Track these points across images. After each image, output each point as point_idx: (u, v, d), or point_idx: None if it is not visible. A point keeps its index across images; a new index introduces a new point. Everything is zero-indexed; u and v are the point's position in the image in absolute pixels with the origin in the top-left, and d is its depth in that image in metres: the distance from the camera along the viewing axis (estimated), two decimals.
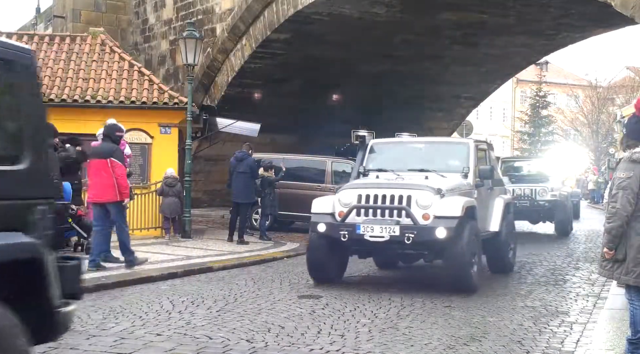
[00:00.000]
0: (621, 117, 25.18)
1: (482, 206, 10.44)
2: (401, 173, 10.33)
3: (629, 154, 5.25)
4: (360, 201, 9.49)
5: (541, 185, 18.72)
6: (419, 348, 6.49)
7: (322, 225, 9.59)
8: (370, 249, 9.89)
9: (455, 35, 19.02)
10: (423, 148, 11.53)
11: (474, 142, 11.25)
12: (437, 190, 9.33)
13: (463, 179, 10.27)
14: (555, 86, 58.91)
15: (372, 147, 11.33)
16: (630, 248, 5.18)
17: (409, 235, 9.06)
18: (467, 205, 9.48)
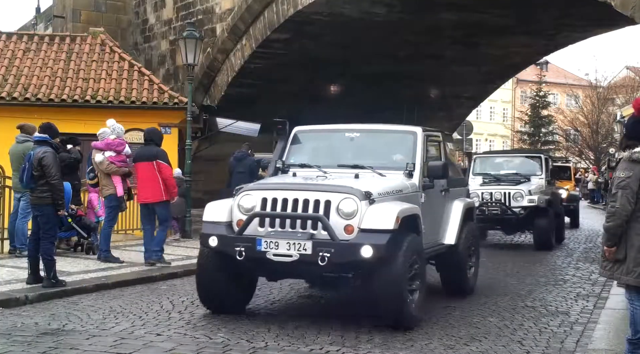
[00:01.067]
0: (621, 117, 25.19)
1: (431, 214, 8.43)
2: (329, 170, 8.08)
3: (628, 154, 5.25)
4: (265, 207, 7.27)
5: (516, 188, 15.39)
6: (419, 348, 6.49)
7: (214, 238, 7.36)
8: (274, 271, 7.63)
9: (455, 35, 19.00)
10: (358, 139, 8.86)
11: (423, 130, 8.67)
12: (365, 194, 7.11)
13: (406, 179, 8.06)
14: (555, 86, 58.93)
15: (296, 135, 8.94)
16: (630, 248, 5.18)
17: (324, 253, 6.80)
18: (406, 213, 7.28)
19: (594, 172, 41.43)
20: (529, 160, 17.31)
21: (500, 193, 15.25)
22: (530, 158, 17.48)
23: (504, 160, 18.26)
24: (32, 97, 16.62)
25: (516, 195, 15.10)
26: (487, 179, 15.97)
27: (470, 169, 16.81)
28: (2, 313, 7.61)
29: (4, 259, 11.03)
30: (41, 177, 8.72)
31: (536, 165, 16.64)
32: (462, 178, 10.55)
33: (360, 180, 7.71)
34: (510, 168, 17.00)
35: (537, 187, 15.69)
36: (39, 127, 9.44)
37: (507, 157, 19.00)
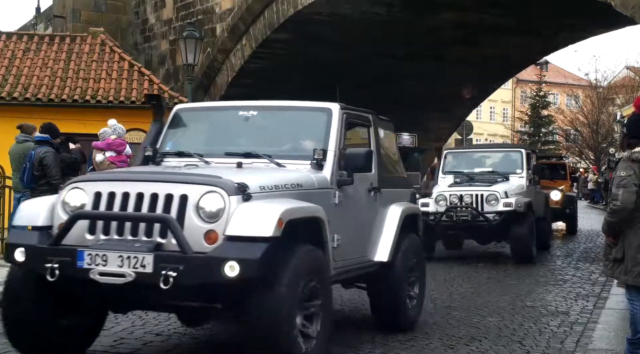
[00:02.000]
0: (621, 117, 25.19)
1: (352, 220, 6.28)
2: (213, 159, 6.04)
3: (628, 154, 5.25)
4: (98, 204, 5.10)
5: (490, 189, 12.86)
6: (419, 348, 6.49)
7: (20, 250, 5.12)
8: (105, 299, 5.38)
9: (455, 35, 19.01)
10: (256, 118, 6.55)
11: (343, 108, 6.52)
12: (237, 188, 4.97)
13: (313, 171, 5.92)
14: (555, 86, 58.93)
15: (176, 115, 6.78)
16: (628, 248, 5.17)
17: (169, 272, 4.68)
18: (297, 215, 5.13)
19: (594, 171, 41.43)
20: (508, 156, 14.64)
21: (470, 195, 12.74)
22: (510, 154, 14.75)
23: (480, 156, 15.38)
24: (32, 97, 16.62)
25: (490, 197, 12.62)
26: (459, 179, 13.60)
27: (440, 167, 14.46)
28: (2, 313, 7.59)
29: (4, 259, 11.01)
30: (42, 176, 8.73)
31: (517, 162, 14.03)
32: (403, 177, 7.87)
33: (241, 171, 5.63)
34: (486, 166, 14.64)
35: (515, 188, 13.20)
36: (40, 127, 9.45)
37: (483, 152, 16.02)
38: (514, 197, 12.70)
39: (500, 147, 18.37)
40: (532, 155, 14.89)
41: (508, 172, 13.75)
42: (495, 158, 14.97)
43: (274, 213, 4.90)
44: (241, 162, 5.89)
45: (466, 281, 10.49)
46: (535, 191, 14.32)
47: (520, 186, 13.42)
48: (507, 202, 12.57)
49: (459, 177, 13.71)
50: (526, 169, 13.84)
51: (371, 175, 6.68)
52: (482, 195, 12.71)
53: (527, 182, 13.70)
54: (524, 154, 14.12)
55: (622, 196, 5.09)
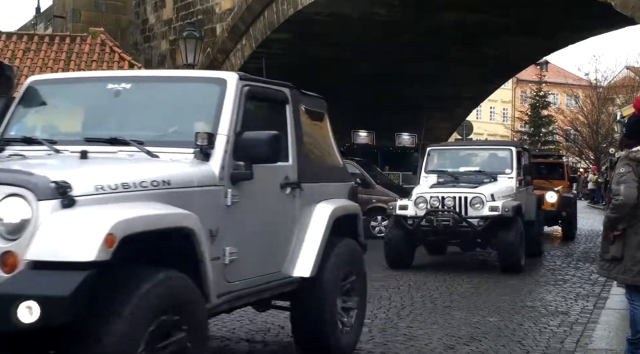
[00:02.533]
0: (621, 117, 25.17)
1: (252, 226, 4.82)
2: (67, 147, 4.59)
3: (626, 153, 5.27)
4: None
5: (475, 191, 11.61)
6: (419, 348, 6.49)
7: None
8: None
9: (455, 35, 19.02)
10: (129, 93, 5.01)
11: (242, 79, 5.02)
12: (54, 189, 3.48)
13: (196, 163, 4.45)
14: (555, 86, 58.93)
15: (30, 90, 5.23)
16: (627, 247, 5.18)
17: None
18: (141, 228, 3.61)
19: (594, 171, 41.43)
20: (497, 155, 13.42)
21: (453, 198, 11.52)
22: (498, 152, 13.50)
23: (466, 154, 14.03)
24: None
25: (474, 201, 11.41)
26: (443, 179, 12.52)
27: (423, 165, 13.21)
28: None
29: None
30: None
31: (506, 161, 12.81)
32: (337, 168, 6.36)
33: (83, 164, 4.18)
34: (473, 165, 13.30)
35: (503, 190, 12.03)
36: None
37: (469, 150, 14.60)
38: (502, 200, 11.55)
39: (488, 145, 17.22)
40: (524, 153, 13.76)
41: (496, 171, 12.62)
42: (483, 156, 13.73)
43: (101, 226, 3.38)
44: (87, 150, 4.30)
45: (466, 281, 10.48)
46: (527, 193, 13.34)
47: (509, 188, 12.22)
48: (493, 206, 11.33)
49: (443, 176, 12.62)
50: (516, 169, 12.60)
51: (286, 167, 5.25)
52: (466, 198, 11.50)
53: (517, 183, 12.48)
54: (514, 152, 12.86)
55: (623, 191, 5.09)
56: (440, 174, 12.75)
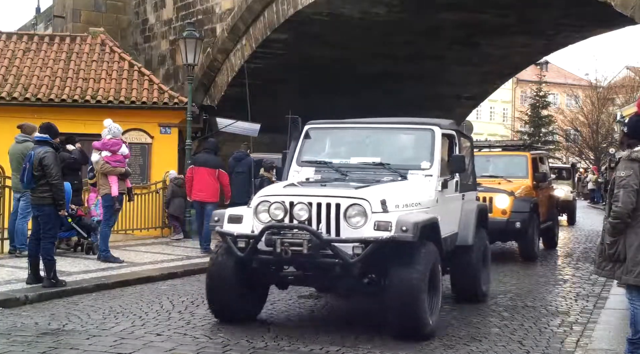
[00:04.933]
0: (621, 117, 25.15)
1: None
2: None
3: (627, 153, 5.27)
4: None
5: (352, 195, 6.95)
6: (419, 348, 6.49)
7: None
8: None
9: (455, 35, 19.01)
10: None
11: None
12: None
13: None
14: (555, 86, 58.95)
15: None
16: (629, 248, 5.19)
17: None
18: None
19: (593, 171, 41.43)
20: (411, 139, 8.53)
21: (308, 204, 6.85)
22: (416, 134, 8.42)
23: (366, 136, 8.65)
24: (32, 97, 16.62)
25: (351, 211, 6.80)
26: (322, 174, 8.02)
27: (296, 151, 8.42)
28: (2, 313, 7.60)
29: (4, 259, 11.03)
30: (42, 177, 8.72)
31: (425, 148, 8.10)
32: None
33: None
34: (373, 154, 8.26)
35: (410, 195, 7.39)
36: (39, 127, 9.44)
37: (369, 129, 8.77)
38: (401, 211, 6.91)
39: (399, 123, 8.79)
40: (461, 138, 8.99)
41: (408, 165, 7.94)
42: (390, 141, 8.53)
43: None
44: None
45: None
46: (461, 200, 8.80)
47: (424, 192, 7.61)
48: (382, 221, 6.69)
49: (324, 170, 8.05)
50: (439, 162, 7.92)
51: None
52: (337, 206, 6.78)
53: (439, 185, 7.87)
54: (437, 136, 8.06)
55: (622, 198, 5.12)
56: (320, 167, 8.12)
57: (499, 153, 15.19)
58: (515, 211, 12.80)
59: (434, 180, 7.82)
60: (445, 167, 8.10)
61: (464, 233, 8.64)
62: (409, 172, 7.83)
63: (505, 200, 12.81)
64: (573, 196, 23.01)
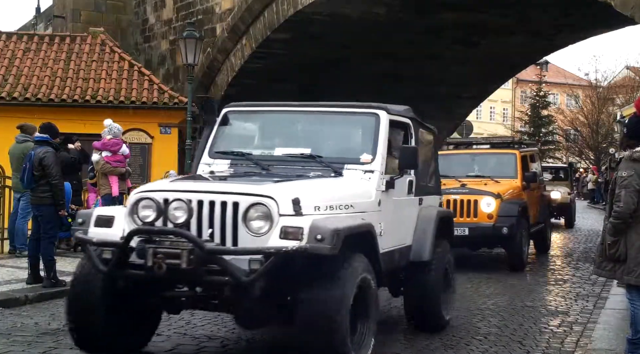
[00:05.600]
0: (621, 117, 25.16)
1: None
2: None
3: (629, 153, 5.27)
4: None
5: (253, 190, 5.33)
6: (419, 348, 6.49)
7: None
8: None
9: (455, 35, 19.00)
10: None
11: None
12: None
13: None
14: (555, 86, 58.93)
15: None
16: (630, 248, 5.19)
17: None
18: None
19: (593, 171, 41.43)
20: (348, 125, 7.02)
21: (187, 202, 5.28)
22: (352, 120, 6.94)
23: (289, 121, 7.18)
24: (32, 97, 16.63)
25: (252, 214, 5.21)
26: (239, 166, 6.56)
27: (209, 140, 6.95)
28: (2, 313, 7.60)
29: (4, 259, 11.03)
30: (42, 177, 8.72)
31: (364, 138, 6.71)
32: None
33: None
34: (301, 144, 6.74)
35: (340, 194, 5.90)
36: (39, 127, 9.44)
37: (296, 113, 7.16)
38: (321, 215, 5.34)
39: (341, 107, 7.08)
40: (419, 129, 7.47)
41: (347, 158, 6.40)
42: (329, 128, 7.00)
43: None
44: None
45: (466, 281, 10.47)
46: (420, 204, 7.23)
47: (359, 192, 6.07)
48: (291, 227, 5.11)
49: (241, 163, 6.54)
50: (382, 156, 6.33)
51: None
52: (235, 206, 5.22)
53: (382, 183, 6.26)
54: (383, 122, 6.50)
55: (623, 198, 5.13)
56: (236, 159, 6.59)
57: (485, 151, 14.08)
58: (502, 215, 11.63)
59: (375, 177, 6.17)
60: (393, 163, 6.51)
61: (419, 246, 6.95)
62: (345, 167, 6.22)
63: (491, 203, 11.65)
64: (571, 198, 21.59)
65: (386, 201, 6.26)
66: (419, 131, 7.37)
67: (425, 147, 7.62)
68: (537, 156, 15.56)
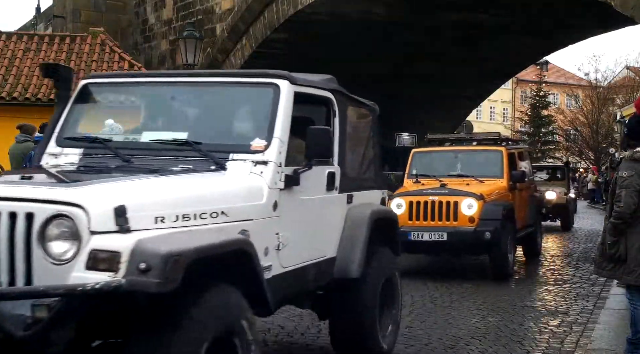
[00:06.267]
0: (621, 117, 25.18)
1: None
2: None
3: (630, 153, 5.27)
4: None
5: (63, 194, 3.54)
6: (419, 348, 6.49)
7: None
8: None
9: (455, 35, 19.02)
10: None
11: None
12: None
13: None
14: (555, 86, 58.91)
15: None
16: (631, 248, 5.19)
17: None
18: None
19: (593, 172, 41.42)
20: (231, 101, 5.11)
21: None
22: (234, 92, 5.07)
23: (173, 95, 5.23)
24: (32, 97, 16.63)
25: (52, 231, 3.42)
26: (93, 156, 4.96)
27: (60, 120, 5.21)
28: None
29: None
30: None
31: (260, 118, 4.77)
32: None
33: None
34: (176, 127, 5.03)
35: (208, 193, 4.11)
36: (39, 127, 9.44)
37: (179, 82, 5.24)
38: (167, 229, 3.64)
39: (230, 76, 5.31)
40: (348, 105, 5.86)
41: (233, 145, 4.71)
42: (213, 105, 5.18)
43: None
44: None
45: (466, 281, 10.47)
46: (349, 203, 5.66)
47: (242, 191, 4.36)
48: (102, 251, 3.34)
49: (96, 153, 5.01)
50: (281, 137, 4.63)
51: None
52: (29, 218, 3.47)
53: (279, 178, 4.59)
54: (282, 93, 4.78)
55: (624, 198, 5.13)
56: (91, 147, 5.07)
57: (469, 148, 12.70)
58: (485, 218, 10.40)
59: (269, 170, 4.47)
60: (298, 149, 4.80)
61: (344, 258, 5.38)
62: (230, 157, 4.53)
63: (472, 205, 10.47)
64: (567, 199, 19.97)
65: (288, 202, 4.61)
66: (347, 108, 5.72)
67: (357, 128, 6.04)
68: (527, 154, 14.44)
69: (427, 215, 10.52)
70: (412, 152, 12.79)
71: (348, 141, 5.57)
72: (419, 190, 10.98)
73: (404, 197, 10.76)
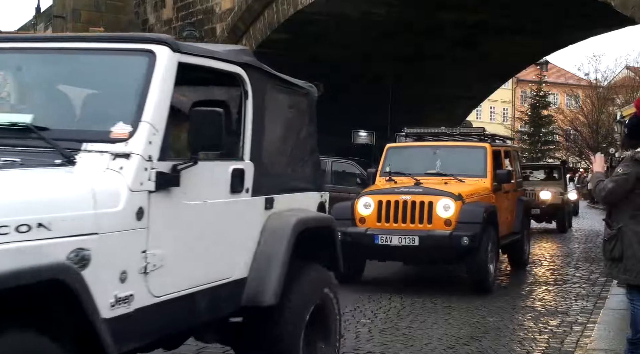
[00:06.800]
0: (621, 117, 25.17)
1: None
2: None
3: (631, 153, 5.27)
4: None
5: None
6: (419, 348, 6.49)
7: None
8: None
9: (455, 35, 19.02)
10: None
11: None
12: None
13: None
14: (555, 86, 58.90)
15: None
16: (627, 247, 5.18)
17: None
18: None
19: None
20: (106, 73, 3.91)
21: None
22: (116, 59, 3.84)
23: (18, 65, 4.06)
24: None
25: None
26: None
27: None
28: None
29: None
30: None
31: (127, 97, 3.64)
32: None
33: None
34: (30, 106, 4.00)
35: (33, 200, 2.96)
36: None
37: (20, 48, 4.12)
38: None
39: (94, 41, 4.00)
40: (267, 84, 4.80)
41: (88, 131, 3.61)
42: (67, 78, 4.01)
43: None
44: None
45: (466, 282, 10.45)
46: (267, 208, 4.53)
47: (88, 195, 3.17)
48: None
49: None
50: (150, 121, 3.50)
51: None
52: None
53: (147, 175, 3.46)
54: (158, 63, 3.62)
55: (612, 187, 5.12)
56: None
57: (450, 144, 11.41)
58: (463, 221, 9.12)
59: (132, 166, 3.40)
60: (182, 138, 3.77)
61: (257, 280, 4.27)
62: (83, 147, 3.45)
63: (449, 206, 9.20)
64: (563, 199, 18.97)
65: (163, 209, 3.53)
66: (266, 88, 4.64)
67: (283, 115, 4.99)
68: (516, 154, 13.02)
69: (397, 216, 9.19)
70: (386, 146, 11.44)
71: (268, 130, 4.48)
72: (390, 189, 9.72)
73: (373, 196, 9.47)
